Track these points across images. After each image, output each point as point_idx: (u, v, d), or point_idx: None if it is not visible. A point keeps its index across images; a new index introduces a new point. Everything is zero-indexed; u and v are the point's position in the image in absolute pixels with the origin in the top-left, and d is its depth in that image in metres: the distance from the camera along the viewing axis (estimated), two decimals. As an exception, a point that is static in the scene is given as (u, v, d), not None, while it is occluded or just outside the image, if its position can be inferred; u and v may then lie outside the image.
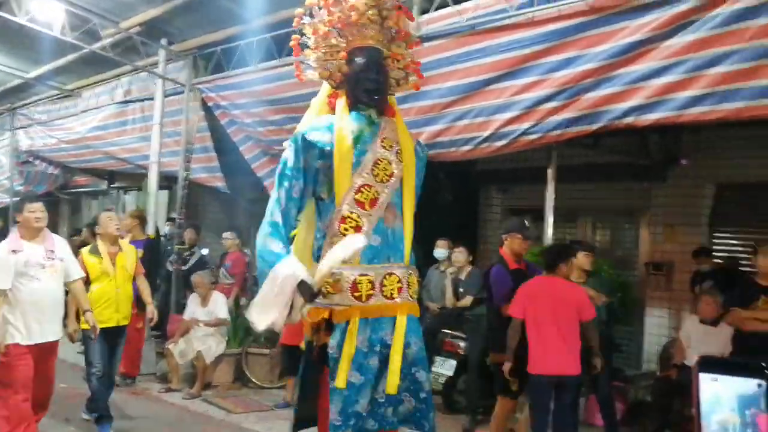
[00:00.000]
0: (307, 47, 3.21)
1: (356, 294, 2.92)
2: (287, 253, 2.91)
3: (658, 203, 7.68)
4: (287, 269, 2.82)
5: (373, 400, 2.93)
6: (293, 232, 3.20)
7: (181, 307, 8.22)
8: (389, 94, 3.22)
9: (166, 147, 9.06)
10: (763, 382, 0.90)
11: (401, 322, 2.98)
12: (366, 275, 2.94)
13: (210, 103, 8.51)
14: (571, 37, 5.09)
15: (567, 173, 6.21)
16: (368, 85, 3.07)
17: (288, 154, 3.04)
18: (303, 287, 2.82)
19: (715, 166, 7.23)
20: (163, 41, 8.78)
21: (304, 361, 3.17)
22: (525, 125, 5.36)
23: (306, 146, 3.02)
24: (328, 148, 2.99)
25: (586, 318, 4.60)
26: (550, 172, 5.85)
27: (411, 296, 3.06)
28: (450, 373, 6.59)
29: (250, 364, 7.55)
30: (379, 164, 3.04)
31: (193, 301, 7.46)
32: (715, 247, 7.30)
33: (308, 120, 3.23)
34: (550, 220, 5.85)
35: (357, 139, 3.06)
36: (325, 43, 3.19)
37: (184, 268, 8.65)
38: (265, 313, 2.84)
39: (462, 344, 6.63)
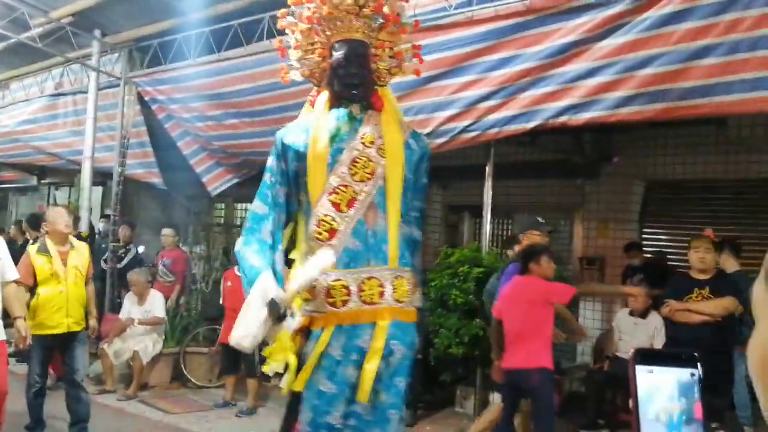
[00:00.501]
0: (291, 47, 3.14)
1: (330, 300, 2.80)
2: (266, 266, 2.85)
3: (592, 200, 7.91)
4: (259, 287, 2.76)
5: (352, 413, 2.78)
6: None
7: (116, 306, 8.02)
8: (380, 85, 3.07)
9: (100, 142, 8.82)
10: (696, 371, 0.94)
11: (381, 327, 2.78)
12: (340, 280, 2.80)
13: (147, 97, 8.33)
14: (509, 36, 5.21)
15: (505, 170, 6.35)
16: (348, 80, 2.95)
17: (270, 158, 3.00)
18: (272, 307, 2.71)
19: (645, 164, 7.51)
20: (97, 32, 8.53)
21: (289, 395, 2.93)
22: (464, 123, 5.45)
23: (284, 149, 2.96)
24: (302, 150, 2.92)
25: (558, 301, 4.68)
26: (488, 169, 5.97)
27: (399, 300, 2.84)
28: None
29: (189, 364, 7.43)
30: (357, 162, 2.89)
31: (129, 300, 7.29)
32: (645, 242, 7.58)
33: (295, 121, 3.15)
34: (488, 216, 5.96)
35: (333, 138, 2.94)
36: (306, 40, 3.11)
37: (119, 266, 8.46)
38: (245, 332, 2.73)
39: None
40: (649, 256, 7.26)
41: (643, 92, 4.56)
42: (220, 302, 6.95)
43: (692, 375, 0.96)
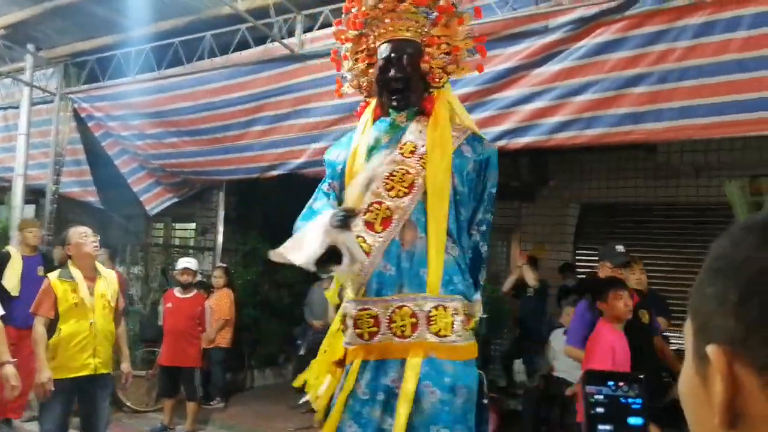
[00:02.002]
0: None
1: (357, 331, 2.52)
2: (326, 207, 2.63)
3: (528, 222, 8.09)
4: (321, 217, 2.51)
5: None
6: None
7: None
8: (435, 87, 2.74)
9: (33, 159, 8.51)
10: (642, 391, 0.98)
11: (412, 365, 2.41)
12: (367, 309, 2.51)
13: (83, 114, 8.11)
14: (450, 62, 5.30)
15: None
16: (388, 85, 2.67)
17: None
18: (335, 216, 2.40)
19: (579, 187, 7.75)
20: (30, 47, 8.27)
21: None
22: (406, 145, 5.50)
23: (327, 166, 2.80)
24: (341, 166, 2.72)
25: None
26: (428, 192, 6.03)
27: (439, 334, 2.46)
28: (332, 389, 6.58)
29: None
30: (394, 176, 2.57)
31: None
32: (578, 263, 7.79)
33: None
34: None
35: (371, 151, 2.66)
36: (355, 48, 2.85)
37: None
38: (299, 249, 2.48)
39: (344, 361, 6.65)
40: (582, 276, 7.46)
41: (579, 118, 4.72)
42: (159, 324, 6.79)
43: (638, 395, 1.00)
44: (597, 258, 7.84)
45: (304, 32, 6.11)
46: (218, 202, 8.70)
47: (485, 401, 2.61)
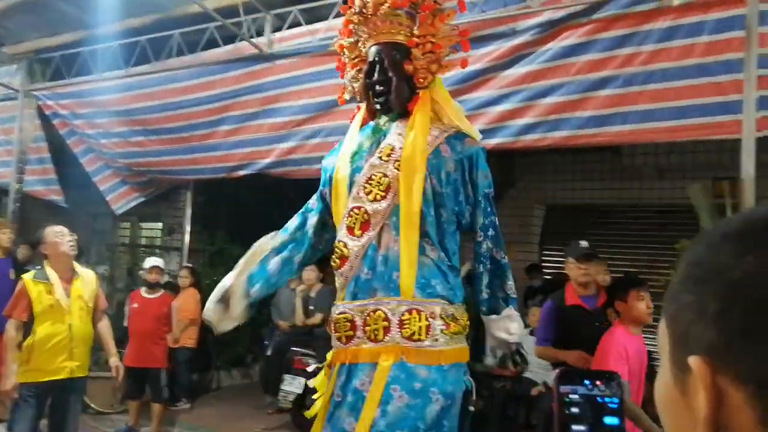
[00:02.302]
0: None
1: (336, 335, 2.57)
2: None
3: (497, 222, 8.15)
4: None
5: None
6: None
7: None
8: (420, 87, 2.70)
9: (-5, 157, 8.37)
10: (618, 389, 0.97)
11: (382, 369, 2.40)
12: (344, 313, 2.54)
13: (48, 112, 7.96)
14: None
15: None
16: (375, 89, 2.67)
17: None
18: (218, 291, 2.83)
19: (545, 188, 7.84)
20: (-7, 42, 8.13)
21: None
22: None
23: (322, 173, 2.81)
24: (329, 174, 2.73)
25: None
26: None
27: (410, 338, 2.42)
28: (299, 390, 6.57)
29: (90, 389, 7.05)
30: (372, 180, 2.56)
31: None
32: (544, 264, 7.88)
33: None
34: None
35: (354, 157, 2.68)
36: (352, 55, 2.84)
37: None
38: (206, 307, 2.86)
39: (311, 361, 6.65)
40: (548, 277, 7.55)
41: (546, 120, 4.77)
42: (124, 324, 6.70)
43: (614, 393, 0.98)
44: (559, 257, 7.97)
45: (273, 32, 6.08)
46: (185, 202, 8.61)
47: (471, 408, 2.58)
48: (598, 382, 0.96)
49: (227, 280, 2.81)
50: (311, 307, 6.86)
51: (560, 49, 4.71)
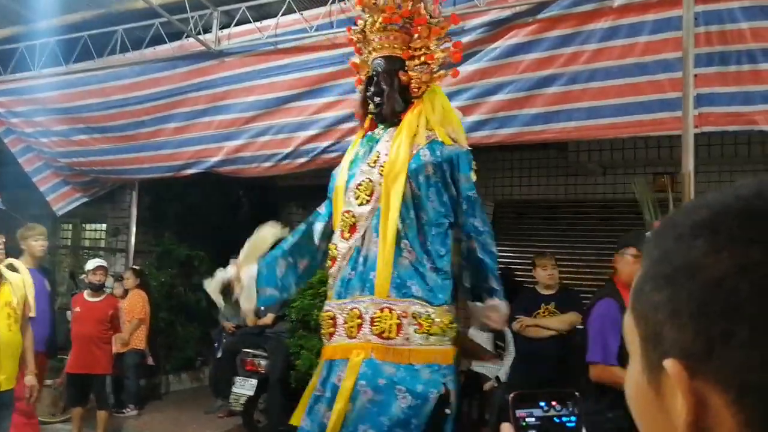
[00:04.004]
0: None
1: (322, 332, 2.77)
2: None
3: (446, 219, 8.23)
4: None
5: None
6: None
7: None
8: (414, 97, 2.88)
9: (-74, 156, 8.02)
10: (575, 408, 0.97)
11: (352, 364, 2.52)
12: (329, 311, 2.72)
13: (-18, 110, 7.68)
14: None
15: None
16: (373, 101, 2.88)
17: None
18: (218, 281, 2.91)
19: (493, 185, 7.94)
20: (-75, 38, 7.78)
21: None
22: (325, 143, 5.51)
23: (330, 182, 2.99)
24: (334, 182, 2.94)
25: None
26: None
27: (380, 335, 2.53)
28: (251, 392, 6.49)
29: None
30: (361, 185, 2.76)
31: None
32: (495, 259, 7.99)
33: None
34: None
35: (352, 165, 2.88)
36: (363, 71, 3.08)
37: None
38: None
39: (263, 362, 6.58)
40: (499, 272, 7.65)
41: (494, 117, 4.84)
42: (68, 328, 6.50)
43: (572, 412, 0.99)
44: (508, 253, 8.09)
45: (221, 29, 6.00)
46: (131, 202, 8.40)
47: (447, 411, 2.58)
48: (553, 403, 0.94)
49: (229, 271, 2.90)
50: (262, 308, 6.79)
51: (507, 48, 4.78)
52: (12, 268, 4.22)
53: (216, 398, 7.37)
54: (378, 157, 2.76)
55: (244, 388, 6.53)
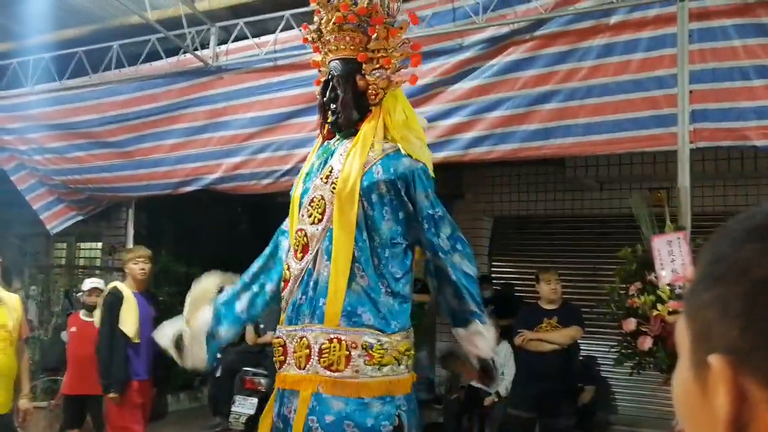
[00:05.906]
0: None
1: (275, 359, 2.57)
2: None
3: (444, 235, 8.23)
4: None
5: None
6: None
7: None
8: (373, 104, 2.66)
9: None
10: None
11: (302, 399, 2.38)
12: (279, 338, 2.54)
13: (-25, 127, 7.65)
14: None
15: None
16: (330, 108, 2.65)
17: None
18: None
19: (492, 200, 7.97)
20: None
21: None
22: (324, 160, 5.50)
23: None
24: (291, 195, 2.75)
25: None
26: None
27: (329, 368, 2.38)
28: (252, 411, 6.42)
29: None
30: (313, 202, 2.55)
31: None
32: (493, 275, 7.99)
33: None
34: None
35: (306, 177, 2.67)
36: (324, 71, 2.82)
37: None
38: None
39: (263, 381, 6.53)
40: (497, 288, 7.67)
41: (492, 133, 4.85)
42: (64, 349, 6.44)
43: None
44: (507, 268, 8.10)
45: (219, 44, 6.01)
46: (127, 220, 8.37)
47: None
48: None
49: (175, 327, 2.73)
50: (262, 326, 6.76)
51: (505, 64, 4.81)
52: (115, 290, 4.25)
53: (215, 417, 7.31)
54: (330, 171, 2.55)
55: (245, 407, 6.48)
